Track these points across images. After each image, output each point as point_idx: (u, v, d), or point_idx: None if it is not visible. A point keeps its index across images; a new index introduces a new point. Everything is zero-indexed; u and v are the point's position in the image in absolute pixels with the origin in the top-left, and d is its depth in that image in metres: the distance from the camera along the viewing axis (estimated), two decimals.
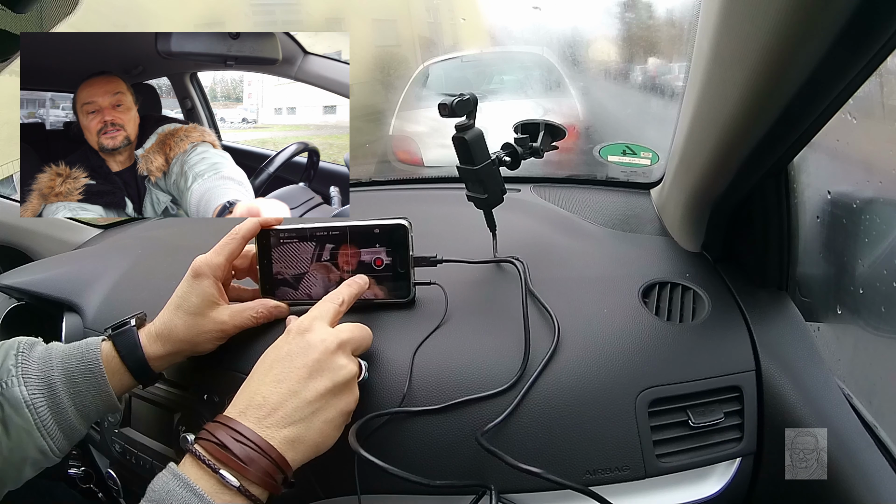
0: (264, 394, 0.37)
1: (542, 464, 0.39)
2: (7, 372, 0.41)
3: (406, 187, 0.94)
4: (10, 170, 0.92)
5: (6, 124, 0.63)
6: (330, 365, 0.39)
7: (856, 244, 0.45)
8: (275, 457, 0.35)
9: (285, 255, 0.51)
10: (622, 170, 0.77)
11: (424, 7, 1.98)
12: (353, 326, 0.43)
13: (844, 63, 0.30)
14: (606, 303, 0.52)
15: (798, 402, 0.44)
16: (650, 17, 1.04)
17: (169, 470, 0.34)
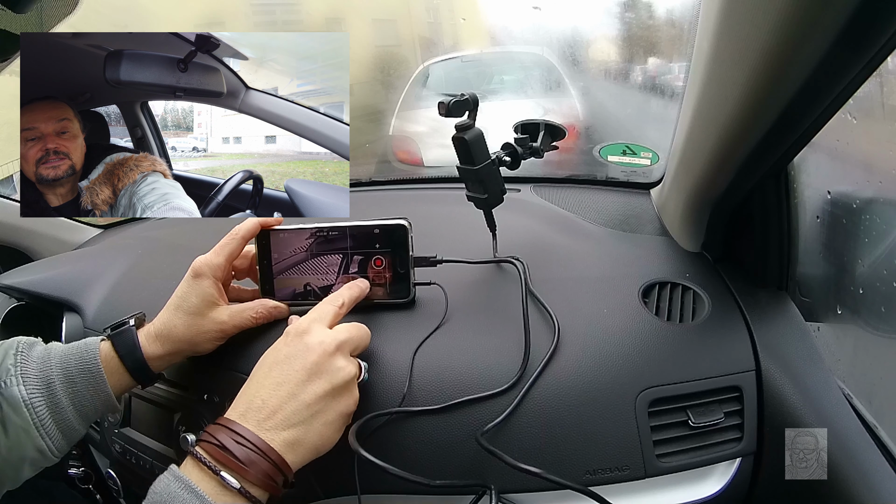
0: (263, 396, 0.37)
1: (541, 464, 0.39)
2: (6, 371, 0.41)
3: (406, 187, 0.94)
4: (10, 170, 0.92)
5: (6, 124, 0.62)
6: (328, 367, 0.39)
7: (856, 244, 0.45)
8: (275, 459, 0.35)
9: (285, 255, 0.51)
10: (622, 170, 0.77)
11: (424, 7, 1.98)
12: (351, 326, 0.43)
13: (844, 63, 0.30)
14: (606, 303, 0.52)
15: (798, 402, 0.44)
16: (650, 17, 1.04)
17: (170, 472, 0.34)
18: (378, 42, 1.90)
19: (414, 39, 2.05)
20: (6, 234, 0.90)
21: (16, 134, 0.56)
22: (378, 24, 2.08)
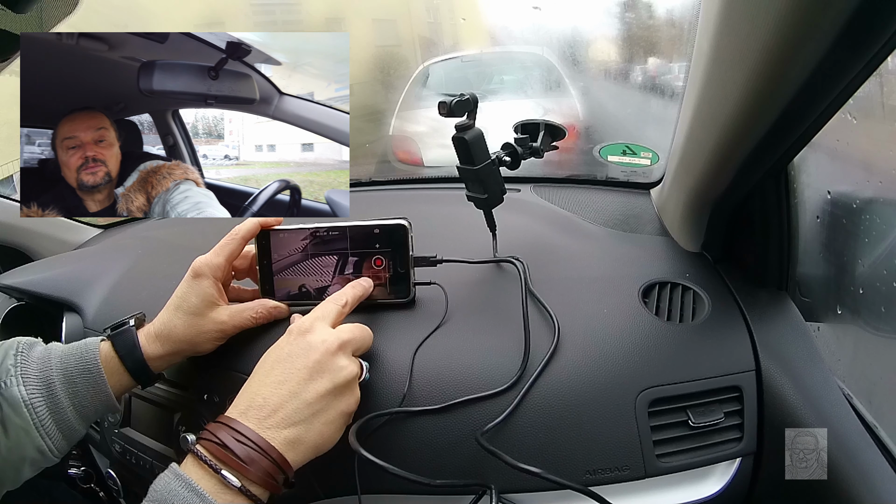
0: (265, 395, 0.37)
1: (542, 464, 0.39)
2: (6, 372, 0.41)
3: (406, 187, 0.94)
4: (10, 170, 0.92)
5: (6, 124, 0.62)
6: (330, 366, 0.39)
7: (856, 244, 0.45)
8: (275, 457, 0.35)
9: (285, 255, 0.51)
10: (622, 170, 0.77)
11: (424, 7, 1.98)
12: (353, 327, 0.43)
13: (844, 63, 0.30)
14: (606, 303, 0.52)
15: (798, 402, 0.44)
16: (650, 17, 1.04)
17: (171, 470, 0.34)
18: (378, 42, 1.90)
19: (414, 39, 2.05)
20: (6, 234, 0.90)
21: (16, 134, 0.56)
22: (378, 24, 2.08)
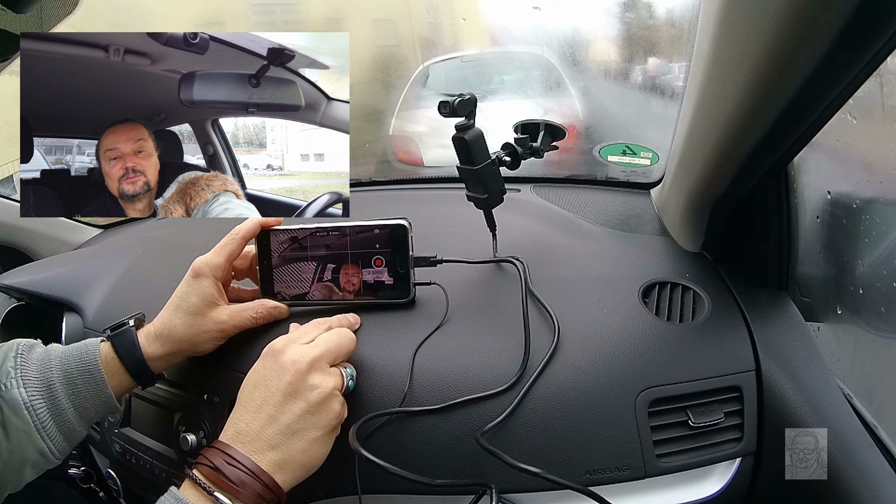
0: (247, 420, 0.38)
1: (541, 464, 0.39)
2: (6, 374, 0.41)
3: (406, 187, 0.94)
4: (10, 170, 0.92)
5: (6, 124, 0.62)
6: (303, 386, 0.39)
7: (856, 244, 0.45)
8: (266, 480, 0.36)
9: (285, 255, 0.51)
10: (622, 170, 0.77)
11: (424, 7, 1.98)
12: (329, 336, 0.43)
13: (844, 63, 0.30)
14: (606, 303, 0.52)
15: (798, 402, 0.44)
16: (650, 17, 1.04)
17: (170, 493, 0.35)
18: (378, 42, 1.90)
19: (414, 39, 2.05)
20: (6, 234, 0.90)
21: (16, 134, 0.56)
22: (378, 24, 2.08)
